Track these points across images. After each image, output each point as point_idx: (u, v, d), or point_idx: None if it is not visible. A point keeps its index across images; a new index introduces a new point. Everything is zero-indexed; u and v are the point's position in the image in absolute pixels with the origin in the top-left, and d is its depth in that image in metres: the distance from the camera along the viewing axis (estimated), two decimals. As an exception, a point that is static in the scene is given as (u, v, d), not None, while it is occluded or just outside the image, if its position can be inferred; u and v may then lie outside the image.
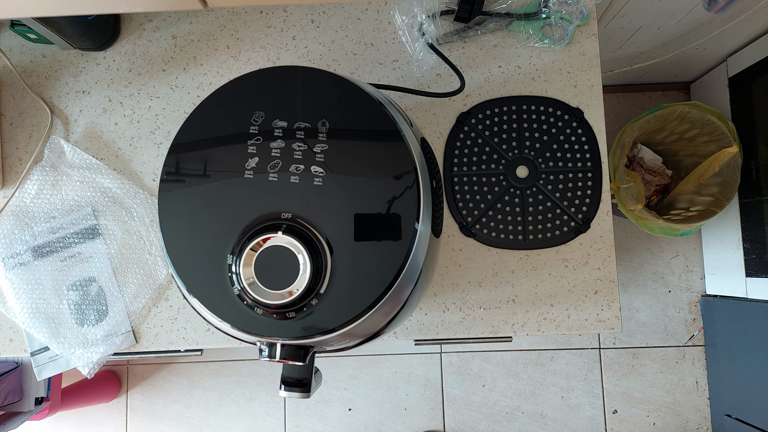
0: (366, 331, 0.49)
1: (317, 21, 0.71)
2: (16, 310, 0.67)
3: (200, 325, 0.68)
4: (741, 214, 1.29)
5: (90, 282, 0.68)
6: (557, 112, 0.68)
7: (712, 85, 1.39)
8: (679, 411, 1.50)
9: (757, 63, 1.20)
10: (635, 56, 1.27)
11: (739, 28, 1.12)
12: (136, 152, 0.70)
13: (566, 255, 0.67)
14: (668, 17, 1.06)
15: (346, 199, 0.43)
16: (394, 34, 0.71)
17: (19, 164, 0.71)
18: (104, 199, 0.69)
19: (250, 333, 0.43)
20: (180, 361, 1.55)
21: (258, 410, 1.54)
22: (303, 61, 0.71)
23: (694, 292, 1.52)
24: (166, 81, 0.71)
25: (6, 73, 0.72)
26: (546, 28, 0.69)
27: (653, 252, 1.53)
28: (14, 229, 0.68)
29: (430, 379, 1.52)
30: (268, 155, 0.44)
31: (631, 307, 1.53)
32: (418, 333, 0.67)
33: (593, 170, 0.68)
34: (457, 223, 0.68)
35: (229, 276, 0.43)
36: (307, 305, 0.42)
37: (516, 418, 1.50)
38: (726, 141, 1.20)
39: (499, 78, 0.70)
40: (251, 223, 0.43)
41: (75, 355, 0.67)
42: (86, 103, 0.71)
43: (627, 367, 1.52)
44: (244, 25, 0.71)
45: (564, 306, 0.67)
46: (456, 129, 0.69)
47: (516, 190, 0.68)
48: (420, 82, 0.70)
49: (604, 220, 0.67)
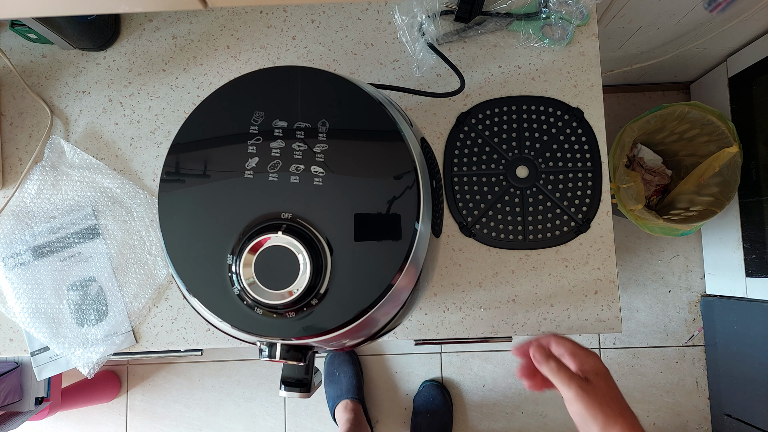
0: (366, 331, 0.49)
1: (317, 21, 0.71)
2: (16, 310, 0.67)
3: (200, 325, 0.68)
4: (741, 214, 1.29)
5: (90, 282, 0.68)
6: (557, 112, 0.68)
7: (712, 85, 1.39)
8: (679, 411, 1.50)
9: (757, 63, 1.20)
10: (635, 56, 1.27)
11: (739, 28, 1.12)
12: (136, 152, 0.70)
13: (566, 255, 0.67)
14: (668, 17, 1.06)
15: (346, 199, 0.43)
16: (394, 34, 0.71)
17: (19, 164, 0.71)
18: (104, 199, 0.69)
19: (250, 333, 0.43)
20: (180, 361, 1.55)
21: (258, 410, 1.54)
22: (303, 61, 0.71)
23: (694, 292, 1.52)
24: (166, 81, 0.71)
25: (6, 73, 0.72)
26: (546, 28, 0.69)
27: (653, 252, 1.53)
28: (14, 229, 0.68)
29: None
30: (268, 155, 0.44)
31: (631, 307, 1.53)
32: (418, 333, 0.67)
33: (593, 170, 0.68)
34: (457, 223, 0.68)
35: (229, 276, 0.43)
36: (307, 305, 0.42)
37: (516, 418, 1.50)
38: (726, 141, 1.20)
39: (499, 78, 0.70)
40: (251, 223, 0.43)
41: (75, 355, 0.67)
42: (86, 103, 0.71)
43: (627, 367, 1.52)
44: (244, 25, 0.71)
45: (564, 306, 0.67)
46: (456, 129, 0.69)
47: (516, 190, 0.68)
48: (420, 82, 0.70)
49: (604, 220, 0.67)
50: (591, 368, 0.53)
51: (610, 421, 0.50)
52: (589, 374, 0.53)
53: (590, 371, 0.53)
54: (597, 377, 0.53)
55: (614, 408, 0.51)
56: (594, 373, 0.53)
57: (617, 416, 0.50)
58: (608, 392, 0.52)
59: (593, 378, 0.52)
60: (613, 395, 0.52)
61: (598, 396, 0.51)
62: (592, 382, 0.52)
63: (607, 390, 0.52)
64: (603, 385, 0.52)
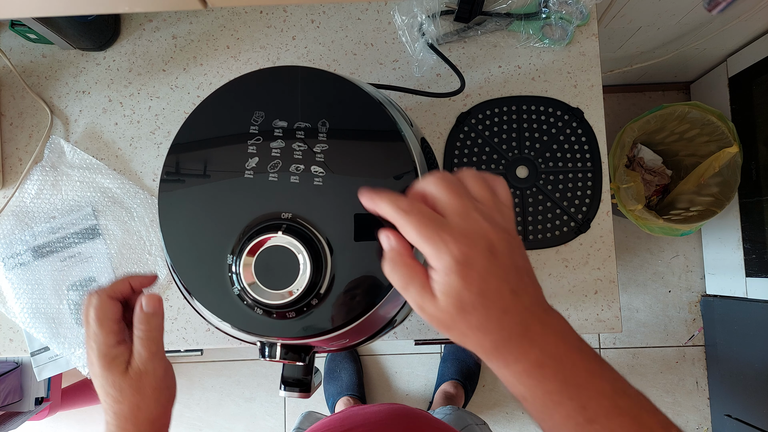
0: (366, 331, 0.49)
1: (317, 21, 0.71)
2: (16, 310, 0.67)
3: (200, 325, 0.68)
4: (741, 214, 1.29)
5: (90, 282, 0.68)
6: (557, 112, 0.68)
7: (712, 85, 1.39)
8: (679, 411, 1.50)
9: (757, 63, 1.20)
10: (635, 56, 1.27)
11: (739, 28, 1.12)
12: (136, 152, 0.70)
13: (566, 255, 0.67)
14: (668, 17, 1.06)
15: (346, 199, 0.43)
16: (394, 34, 0.70)
17: (19, 164, 0.71)
18: (104, 199, 0.69)
19: (250, 333, 0.43)
20: (180, 361, 1.55)
21: (258, 410, 1.54)
22: (303, 61, 0.71)
23: (694, 292, 1.52)
24: (166, 81, 0.71)
25: (6, 73, 0.72)
26: (546, 28, 0.69)
27: (653, 252, 1.53)
28: (14, 229, 0.68)
29: (430, 379, 1.51)
30: (268, 155, 0.44)
31: (631, 307, 1.53)
32: (418, 333, 0.67)
33: (593, 170, 0.68)
34: (457, 223, 0.68)
35: (229, 276, 0.43)
36: (307, 305, 0.42)
37: (516, 418, 1.50)
38: (726, 141, 1.20)
39: (499, 78, 0.70)
40: (251, 223, 0.43)
41: (75, 355, 0.67)
42: (86, 103, 0.71)
43: (627, 367, 1.52)
44: (244, 25, 0.71)
45: (564, 306, 0.67)
46: (456, 129, 0.69)
47: (516, 190, 0.67)
48: (420, 82, 0.70)
49: (604, 220, 0.67)
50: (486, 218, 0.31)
51: (506, 348, 0.29)
52: (478, 238, 0.30)
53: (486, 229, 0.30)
54: (488, 241, 0.30)
55: (514, 315, 0.30)
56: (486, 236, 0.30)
57: (520, 338, 0.30)
58: (507, 277, 0.30)
59: (481, 247, 0.29)
60: (518, 282, 0.30)
61: (484, 283, 0.29)
62: (480, 255, 0.29)
63: (506, 270, 0.30)
64: (497, 260, 0.30)
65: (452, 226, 0.30)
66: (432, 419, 0.63)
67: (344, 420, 0.57)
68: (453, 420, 0.81)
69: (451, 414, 0.85)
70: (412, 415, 0.60)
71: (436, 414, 0.85)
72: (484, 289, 0.29)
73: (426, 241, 0.29)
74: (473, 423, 0.79)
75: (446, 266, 0.29)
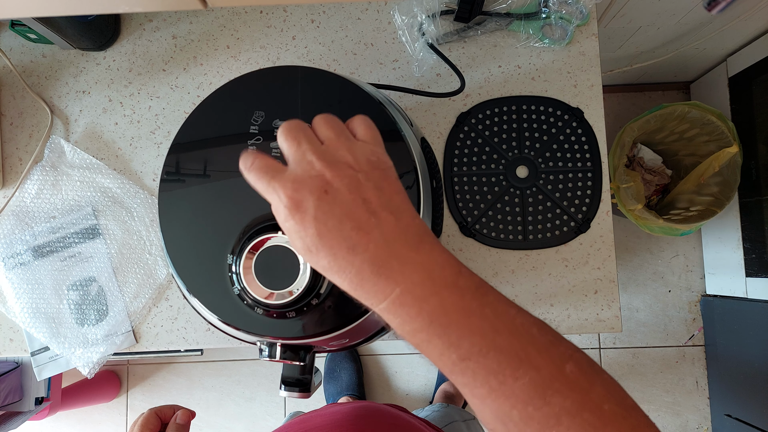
0: (366, 331, 0.49)
1: (317, 21, 0.71)
2: (16, 310, 0.67)
3: (200, 325, 0.68)
4: (741, 214, 1.29)
5: (90, 282, 0.68)
6: (557, 112, 0.68)
7: (712, 85, 1.39)
8: (679, 411, 1.50)
9: (757, 63, 1.20)
10: (635, 56, 1.27)
11: (739, 28, 1.12)
12: (136, 152, 0.70)
13: (566, 255, 0.67)
14: (668, 17, 1.06)
15: (346, 199, 0.43)
16: (394, 34, 0.71)
17: (19, 164, 0.71)
18: (104, 199, 0.69)
19: (250, 333, 0.43)
20: (180, 361, 1.55)
21: (258, 410, 1.54)
22: (303, 61, 0.71)
23: (694, 292, 1.52)
24: (166, 81, 0.71)
25: (6, 73, 0.72)
26: (546, 28, 0.69)
27: (653, 252, 1.53)
28: (14, 229, 0.68)
29: (430, 379, 1.51)
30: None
31: (631, 307, 1.53)
32: (418, 333, 0.67)
33: (593, 170, 0.68)
34: (456, 223, 0.68)
35: (229, 276, 0.43)
36: (307, 305, 0.42)
37: (516, 418, 1.50)
38: (726, 141, 1.20)
39: (499, 78, 0.70)
40: (251, 222, 0.43)
41: (75, 355, 0.67)
42: (86, 103, 0.71)
43: (627, 367, 1.52)
44: (244, 25, 0.71)
45: (564, 306, 0.67)
46: (456, 129, 0.69)
47: (516, 190, 0.68)
48: (420, 82, 0.70)
49: (604, 220, 0.67)
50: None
51: (362, 287, 0.29)
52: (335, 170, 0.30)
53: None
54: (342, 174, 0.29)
55: (363, 253, 0.28)
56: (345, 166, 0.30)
57: (375, 276, 0.28)
58: (350, 214, 0.29)
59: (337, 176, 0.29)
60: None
61: (320, 224, 0.28)
62: (311, 197, 0.29)
63: (348, 207, 0.29)
64: (335, 198, 0.29)
65: (284, 175, 0.30)
66: (400, 418, 0.59)
67: (304, 422, 0.56)
68: (438, 417, 0.80)
69: (438, 411, 0.84)
70: (378, 414, 0.57)
71: (423, 412, 0.84)
72: (321, 230, 0.29)
73: (263, 193, 0.31)
74: (459, 419, 0.78)
75: (282, 214, 0.30)
